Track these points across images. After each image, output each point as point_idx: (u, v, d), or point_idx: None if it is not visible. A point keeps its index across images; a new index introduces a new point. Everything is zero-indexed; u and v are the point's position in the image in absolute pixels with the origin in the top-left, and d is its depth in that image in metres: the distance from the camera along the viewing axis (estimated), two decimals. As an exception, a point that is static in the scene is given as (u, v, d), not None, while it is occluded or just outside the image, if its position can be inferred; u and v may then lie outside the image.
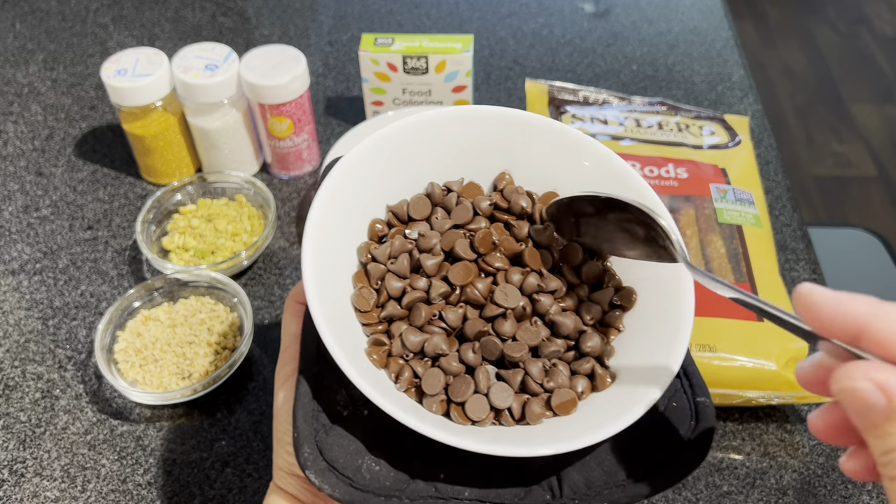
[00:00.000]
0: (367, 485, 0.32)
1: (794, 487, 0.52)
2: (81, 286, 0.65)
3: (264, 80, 0.65)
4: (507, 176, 0.40)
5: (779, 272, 0.60)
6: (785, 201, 0.72)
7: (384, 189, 0.38)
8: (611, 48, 0.89)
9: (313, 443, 0.32)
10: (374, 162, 0.37)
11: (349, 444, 0.33)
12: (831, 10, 2.24)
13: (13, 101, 0.82)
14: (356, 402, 0.34)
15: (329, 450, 0.32)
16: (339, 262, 0.36)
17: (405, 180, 0.39)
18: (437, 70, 0.72)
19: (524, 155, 0.39)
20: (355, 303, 0.36)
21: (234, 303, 0.61)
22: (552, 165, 0.39)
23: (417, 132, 0.38)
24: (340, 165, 0.36)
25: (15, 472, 0.53)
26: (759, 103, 0.82)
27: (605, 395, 0.34)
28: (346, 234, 0.37)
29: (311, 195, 0.72)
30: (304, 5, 0.95)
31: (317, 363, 0.35)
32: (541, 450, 0.30)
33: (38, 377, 0.58)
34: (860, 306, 0.23)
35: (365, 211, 0.38)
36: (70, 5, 0.95)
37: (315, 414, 0.33)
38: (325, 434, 0.33)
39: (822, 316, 0.24)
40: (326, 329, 0.31)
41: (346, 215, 0.37)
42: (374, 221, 0.38)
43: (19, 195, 0.73)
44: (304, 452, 0.32)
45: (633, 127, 0.70)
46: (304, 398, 0.34)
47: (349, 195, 0.36)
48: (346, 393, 0.34)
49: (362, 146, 0.37)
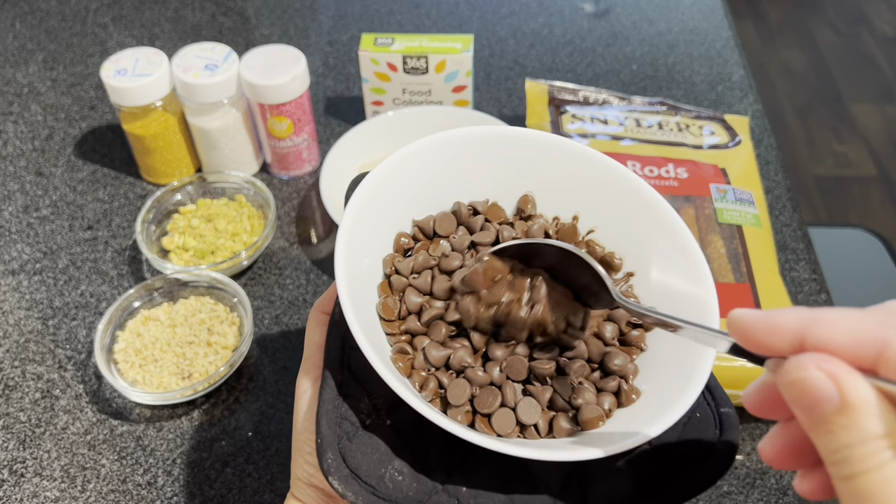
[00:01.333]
0: (390, 494, 0.32)
1: (794, 487, 0.52)
2: (81, 286, 0.65)
3: (264, 80, 0.65)
4: (530, 199, 0.40)
5: (779, 272, 0.60)
6: (785, 201, 0.72)
7: (411, 203, 0.39)
8: (611, 48, 0.89)
9: (336, 449, 0.32)
10: (403, 176, 0.38)
11: (372, 452, 0.33)
12: (831, 10, 2.24)
13: (13, 101, 0.82)
14: (379, 412, 0.34)
15: (352, 457, 0.32)
16: (366, 271, 0.37)
17: (431, 196, 0.39)
18: (437, 70, 0.72)
19: (548, 178, 0.40)
20: (380, 311, 0.36)
21: (234, 303, 0.61)
22: (576, 189, 0.40)
23: (445, 149, 0.39)
24: (371, 177, 0.36)
25: (15, 472, 0.53)
26: (759, 103, 0.82)
27: (631, 411, 0.34)
28: (373, 244, 0.38)
29: (311, 195, 0.72)
30: (304, 5, 0.95)
31: (340, 372, 0.35)
32: (569, 455, 0.30)
33: (38, 377, 0.58)
34: (793, 318, 0.23)
35: (392, 224, 0.39)
36: (70, 5, 0.95)
37: (339, 421, 0.33)
38: (348, 441, 0.33)
39: (759, 337, 0.23)
40: (359, 330, 0.31)
41: (373, 226, 0.37)
42: (400, 235, 0.39)
43: (19, 195, 0.73)
44: (328, 458, 0.32)
45: (633, 127, 0.70)
46: (327, 405, 0.34)
47: (377, 207, 0.37)
48: (368, 402, 0.34)
49: (392, 159, 0.37)
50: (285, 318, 0.62)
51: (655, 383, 0.35)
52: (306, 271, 0.66)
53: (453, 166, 0.39)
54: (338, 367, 0.35)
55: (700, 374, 0.32)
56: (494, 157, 0.39)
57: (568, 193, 0.40)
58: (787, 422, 0.26)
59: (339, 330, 0.36)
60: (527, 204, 0.40)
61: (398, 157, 0.37)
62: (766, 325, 0.23)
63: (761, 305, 0.57)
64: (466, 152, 0.39)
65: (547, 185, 0.40)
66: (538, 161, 0.39)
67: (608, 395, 0.35)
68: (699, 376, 0.32)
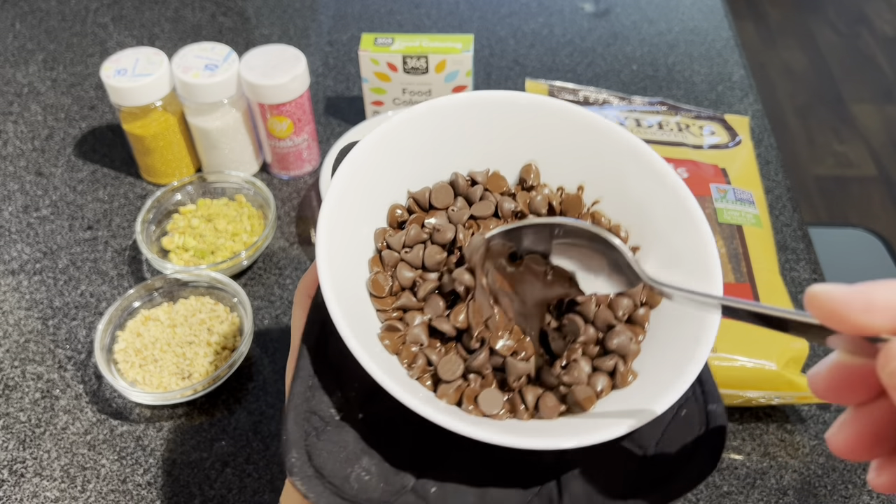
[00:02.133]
0: (354, 495, 0.31)
1: (794, 487, 0.52)
2: (81, 286, 0.65)
3: (264, 80, 0.65)
4: (533, 168, 0.38)
5: (779, 272, 0.60)
6: (785, 201, 0.72)
7: (406, 174, 0.37)
8: (611, 48, 0.89)
9: (302, 447, 0.31)
10: (397, 144, 0.36)
11: (339, 450, 0.32)
12: (831, 10, 2.24)
13: (13, 101, 0.82)
14: (351, 405, 0.33)
15: (318, 455, 0.31)
16: (355, 245, 0.35)
17: (429, 166, 0.38)
18: (437, 70, 0.72)
19: (553, 145, 0.38)
20: (370, 287, 0.35)
21: (233, 303, 0.61)
22: (582, 158, 0.38)
23: (443, 115, 0.37)
24: (361, 146, 0.35)
25: (15, 472, 0.53)
26: (759, 103, 0.82)
27: (624, 394, 0.33)
28: (364, 216, 0.36)
29: (311, 195, 0.72)
30: (304, 5, 0.95)
31: (315, 361, 0.33)
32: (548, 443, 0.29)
33: (38, 377, 0.58)
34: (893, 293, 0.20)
35: (385, 195, 0.37)
36: (70, 5, 0.95)
37: (307, 416, 0.32)
38: (315, 438, 0.32)
39: (854, 316, 0.21)
40: (336, 307, 0.30)
41: (365, 198, 0.35)
42: (394, 207, 0.37)
43: (19, 195, 0.73)
44: (292, 458, 0.31)
45: (633, 127, 0.70)
46: (297, 399, 0.32)
47: (369, 177, 0.35)
48: (341, 394, 0.33)
49: (385, 127, 0.35)
50: (285, 318, 0.62)
51: (650, 367, 0.33)
52: (306, 271, 0.66)
53: (452, 134, 0.37)
54: (313, 356, 0.33)
55: (695, 364, 0.31)
56: (496, 124, 0.37)
57: (573, 162, 0.38)
58: (861, 406, 0.23)
59: (319, 314, 0.34)
60: (529, 173, 0.38)
61: (392, 125, 0.36)
62: (862, 303, 0.20)
63: (761, 305, 0.57)
64: (467, 119, 0.37)
65: (551, 153, 0.38)
66: (542, 128, 0.37)
67: (602, 375, 0.33)
68: (693, 366, 0.31)
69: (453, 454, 0.32)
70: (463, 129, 0.37)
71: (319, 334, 0.34)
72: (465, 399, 0.33)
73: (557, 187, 0.39)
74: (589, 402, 0.33)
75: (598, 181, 0.38)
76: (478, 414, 0.33)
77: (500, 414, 0.33)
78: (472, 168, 0.38)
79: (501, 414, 0.33)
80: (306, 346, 0.34)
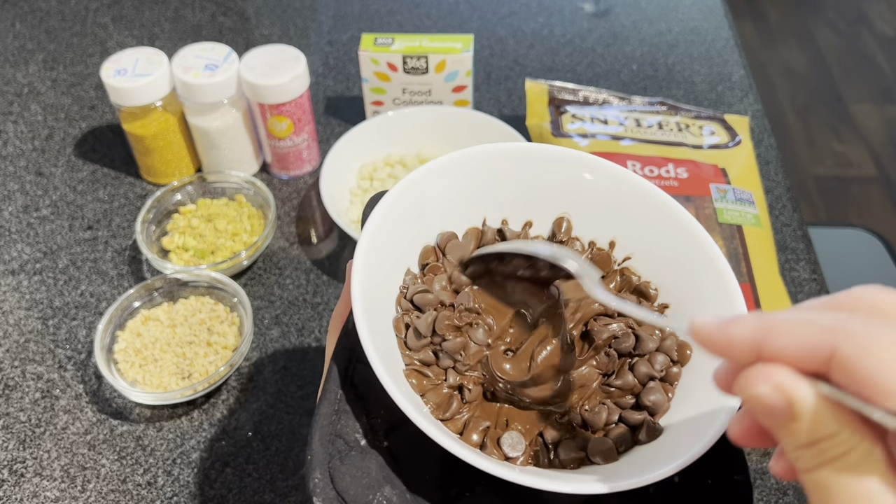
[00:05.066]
0: None
1: (794, 487, 0.52)
2: (81, 286, 0.65)
3: (264, 80, 0.65)
4: (565, 221, 0.39)
5: (779, 272, 0.60)
6: (785, 201, 0.72)
7: (440, 216, 0.38)
8: (611, 48, 0.89)
9: (326, 469, 0.31)
10: (438, 184, 0.37)
11: (362, 476, 0.32)
12: (831, 10, 2.24)
13: (13, 101, 0.82)
14: (376, 432, 0.33)
15: (341, 479, 0.31)
16: (389, 280, 0.36)
17: (463, 210, 0.39)
18: (437, 70, 0.72)
19: (587, 199, 0.39)
20: (395, 327, 0.36)
21: (234, 303, 0.61)
22: (615, 214, 0.38)
23: (479, 162, 0.38)
24: (398, 187, 0.36)
25: (15, 472, 0.53)
26: (759, 103, 0.82)
27: (646, 449, 0.33)
28: (400, 251, 0.37)
29: (311, 195, 0.72)
30: (304, 5, 0.95)
31: (342, 386, 0.34)
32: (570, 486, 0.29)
33: (38, 377, 0.58)
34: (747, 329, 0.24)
35: (420, 234, 0.38)
36: (70, 5, 0.95)
37: (332, 439, 0.32)
38: (339, 461, 0.32)
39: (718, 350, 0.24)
40: (369, 340, 0.31)
41: (401, 234, 0.36)
42: (426, 249, 0.38)
43: (19, 195, 0.73)
44: (315, 478, 0.31)
45: (633, 127, 0.70)
46: (322, 420, 0.33)
47: (408, 214, 0.36)
48: (366, 420, 0.33)
49: (429, 166, 0.36)
50: (285, 318, 0.62)
51: (676, 426, 0.33)
52: (306, 271, 0.66)
53: (487, 180, 0.38)
54: (341, 381, 0.34)
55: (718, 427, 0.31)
56: (531, 174, 0.38)
57: (606, 217, 0.39)
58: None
59: (349, 340, 0.35)
60: (561, 227, 0.39)
61: (428, 169, 0.36)
62: (723, 341, 0.24)
63: (761, 305, 0.57)
64: (503, 166, 0.38)
65: (585, 208, 0.39)
66: (576, 181, 0.38)
67: (625, 431, 0.34)
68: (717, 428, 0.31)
69: (476, 490, 0.33)
70: (500, 177, 0.38)
71: (349, 360, 0.34)
72: (488, 442, 0.34)
73: (589, 242, 0.39)
74: (609, 458, 0.33)
75: (630, 239, 0.38)
76: (500, 456, 0.33)
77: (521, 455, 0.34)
78: (508, 215, 0.39)
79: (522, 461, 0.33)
80: (334, 370, 0.34)
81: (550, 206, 0.39)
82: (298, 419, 0.56)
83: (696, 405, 0.34)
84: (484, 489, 0.33)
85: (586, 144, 0.67)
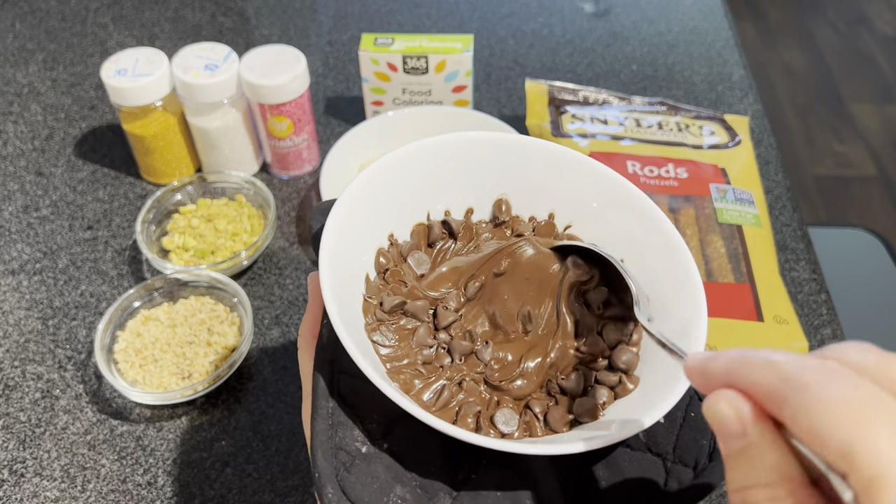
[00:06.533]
0: None
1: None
2: (81, 286, 0.65)
3: (264, 80, 0.65)
4: (504, 203, 0.41)
5: (779, 272, 0.60)
6: (785, 201, 0.72)
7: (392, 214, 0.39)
8: (611, 48, 0.89)
9: (336, 483, 0.32)
10: (382, 186, 0.38)
11: (372, 482, 0.32)
12: (831, 10, 2.24)
13: (13, 101, 0.82)
14: (374, 437, 0.34)
15: (352, 489, 0.32)
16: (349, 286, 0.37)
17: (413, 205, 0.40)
18: (437, 70, 0.72)
19: (521, 178, 0.41)
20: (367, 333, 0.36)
21: (234, 303, 0.61)
22: (550, 186, 0.40)
23: (418, 158, 0.39)
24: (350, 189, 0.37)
25: (15, 472, 0.53)
26: (759, 103, 0.82)
27: (627, 401, 0.35)
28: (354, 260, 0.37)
29: (311, 195, 0.72)
30: (304, 5, 0.95)
31: (330, 399, 0.34)
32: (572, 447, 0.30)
33: (38, 377, 0.58)
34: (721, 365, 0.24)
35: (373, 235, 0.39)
36: (70, 5, 0.95)
37: (334, 452, 0.33)
38: (346, 472, 0.32)
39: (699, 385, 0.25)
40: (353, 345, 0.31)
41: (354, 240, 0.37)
42: (380, 253, 0.39)
43: (19, 195, 0.73)
44: (328, 493, 0.31)
45: (633, 127, 0.70)
46: (321, 436, 0.33)
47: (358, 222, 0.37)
48: (362, 427, 0.34)
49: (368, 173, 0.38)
50: (285, 318, 0.62)
51: (649, 374, 0.35)
52: (306, 271, 0.66)
53: (428, 174, 0.40)
54: (327, 395, 0.34)
55: None
56: (468, 162, 0.40)
57: (541, 192, 0.41)
58: None
59: (326, 354, 0.35)
60: (501, 208, 0.41)
61: (370, 172, 0.38)
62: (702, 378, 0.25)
63: (761, 305, 0.57)
64: (443, 159, 0.40)
65: (521, 187, 0.41)
66: (511, 162, 0.40)
67: (605, 389, 0.35)
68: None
69: (481, 470, 0.34)
70: (442, 168, 0.40)
71: (331, 372, 0.35)
72: (483, 423, 0.34)
73: (529, 217, 0.41)
74: (595, 415, 0.35)
75: (569, 210, 0.41)
76: (496, 434, 0.34)
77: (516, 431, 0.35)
78: (451, 205, 0.41)
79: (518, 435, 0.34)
80: (318, 386, 0.35)
81: (488, 191, 0.41)
82: (298, 419, 0.56)
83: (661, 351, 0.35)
84: (487, 468, 0.33)
85: (586, 144, 0.67)
